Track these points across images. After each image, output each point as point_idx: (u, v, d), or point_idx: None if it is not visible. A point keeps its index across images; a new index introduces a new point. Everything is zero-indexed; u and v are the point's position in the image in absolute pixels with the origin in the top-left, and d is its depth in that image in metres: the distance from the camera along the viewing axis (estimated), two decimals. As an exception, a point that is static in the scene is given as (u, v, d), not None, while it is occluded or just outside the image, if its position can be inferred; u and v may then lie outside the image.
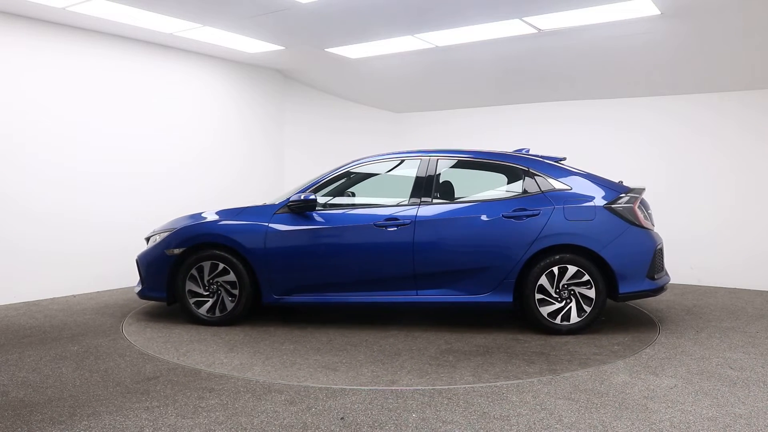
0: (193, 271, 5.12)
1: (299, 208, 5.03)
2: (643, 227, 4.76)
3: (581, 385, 3.58)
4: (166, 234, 5.29)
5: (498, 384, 3.61)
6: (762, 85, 6.76)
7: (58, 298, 6.17)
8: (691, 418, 3.10)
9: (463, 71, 7.55)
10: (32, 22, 5.96)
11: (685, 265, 7.08)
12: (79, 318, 5.31)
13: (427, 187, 5.02)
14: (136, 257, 5.53)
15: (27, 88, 5.95)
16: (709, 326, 5.08)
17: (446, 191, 5.18)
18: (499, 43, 6.29)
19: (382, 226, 4.91)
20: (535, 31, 5.86)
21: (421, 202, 4.97)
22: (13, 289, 5.90)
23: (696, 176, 7.21)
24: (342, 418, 3.09)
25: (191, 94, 7.43)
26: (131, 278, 6.80)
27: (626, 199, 4.78)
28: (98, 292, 6.52)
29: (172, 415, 3.13)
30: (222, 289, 5.11)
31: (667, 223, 6.67)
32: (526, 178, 4.96)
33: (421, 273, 4.86)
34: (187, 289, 5.13)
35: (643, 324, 5.15)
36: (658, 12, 5.21)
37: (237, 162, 7.97)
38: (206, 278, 5.12)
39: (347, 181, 5.37)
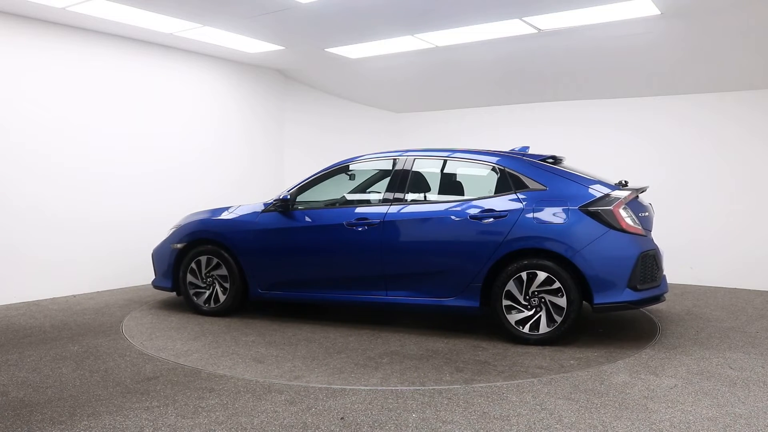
0: (193, 265, 5.51)
1: (278, 208, 5.26)
2: (625, 231, 4.33)
3: (581, 385, 3.58)
4: (174, 229, 5.75)
5: (498, 384, 3.61)
6: (762, 85, 6.76)
7: (58, 298, 6.17)
8: (691, 418, 3.10)
9: (463, 71, 7.55)
10: (32, 22, 5.96)
11: (685, 265, 7.08)
12: (79, 318, 5.32)
13: (399, 187, 4.98)
14: (152, 250, 5.94)
15: (27, 88, 5.95)
16: (709, 326, 5.07)
17: (419, 191, 5.12)
18: (499, 43, 6.29)
19: (353, 226, 4.93)
20: (535, 31, 5.86)
21: (392, 201, 4.94)
22: (13, 289, 5.90)
23: (696, 176, 7.21)
24: (342, 418, 3.09)
25: (191, 94, 7.43)
26: (131, 278, 6.84)
27: (607, 200, 4.37)
28: (98, 292, 6.52)
29: (172, 415, 3.13)
30: (216, 282, 5.45)
31: (667, 224, 6.67)
32: (501, 177, 4.70)
33: (389, 273, 4.83)
34: (188, 281, 5.53)
35: (643, 324, 5.15)
36: (658, 12, 5.21)
37: (238, 162, 7.97)
38: (203, 271, 5.49)
39: (332, 180, 5.45)
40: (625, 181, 4.79)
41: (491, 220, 4.53)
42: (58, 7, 5.60)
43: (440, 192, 5.13)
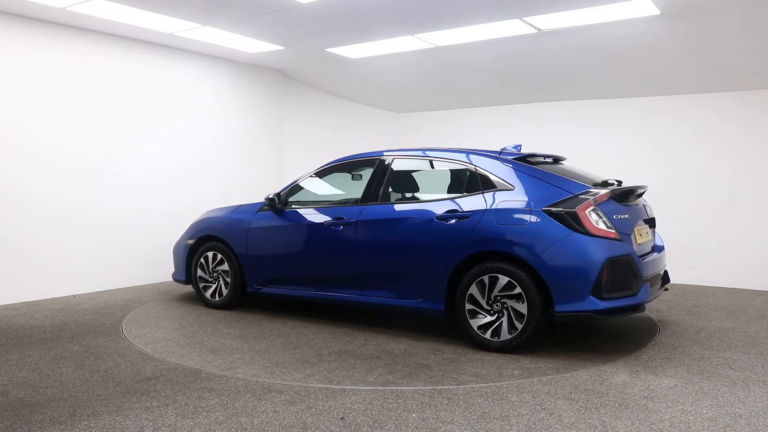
0: (201, 260, 5.84)
1: (269, 207, 5.46)
2: (591, 234, 4.00)
3: (581, 385, 3.58)
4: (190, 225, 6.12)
5: (498, 384, 3.61)
6: (762, 85, 6.76)
7: (58, 298, 6.17)
8: (691, 418, 3.10)
9: (463, 71, 7.55)
10: (32, 22, 5.95)
11: (685, 265, 7.08)
12: (79, 318, 5.32)
13: (376, 186, 4.99)
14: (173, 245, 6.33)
15: (27, 88, 5.95)
16: (709, 326, 5.07)
17: (396, 190, 5.13)
18: (499, 43, 6.29)
19: (332, 225, 5.00)
20: (535, 31, 5.86)
21: (369, 201, 4.95)
22: (13, 289, 5.90)
23: (696, 176, 7.21)
24: (342, 418, 3.09)
25: (191, 94, 7.43)
26: (131, 278, 6.84)
27: (573, 201, 4.10)
28: (98, 292, 6.51)
29: (172, 415, 3.13)
30: (221, 277, 5.74)
31: (667, 223, 6.67)
32: (472, 176, 4.58)
33: (362, 273, 4.85)
34: (198, 276, 5.86)
35: (643, 324, 5.15)
36: (658, 12, 5.21)
37: (239, 161, 7.97)
38: (210, 266, 5.79)
39: (324, 180, 5.53)
40: (619, 181, 4.63)
41: (454, 221, 4.43)
42: (58, 7, 5.60)
43: (416, 191, 5.15)
